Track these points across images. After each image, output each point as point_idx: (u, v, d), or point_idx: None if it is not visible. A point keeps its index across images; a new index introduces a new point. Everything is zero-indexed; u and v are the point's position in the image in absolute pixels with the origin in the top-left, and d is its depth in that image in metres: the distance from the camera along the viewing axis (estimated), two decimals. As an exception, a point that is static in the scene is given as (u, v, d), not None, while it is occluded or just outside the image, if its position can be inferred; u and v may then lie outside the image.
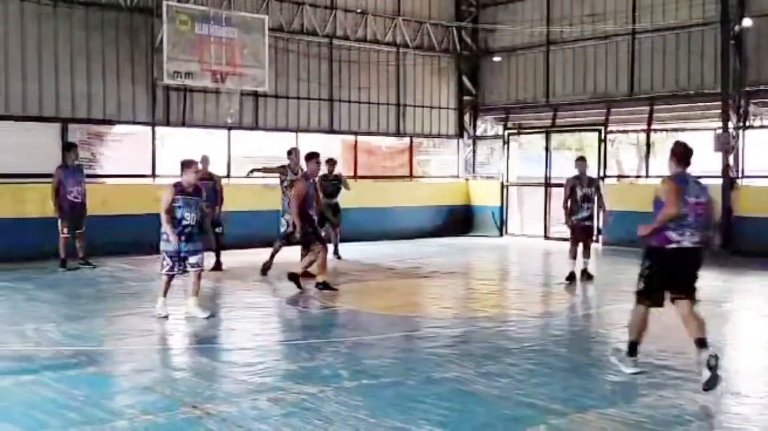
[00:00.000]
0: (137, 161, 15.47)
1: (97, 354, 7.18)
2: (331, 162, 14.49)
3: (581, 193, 11.82)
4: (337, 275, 12.37)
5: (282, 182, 12.67)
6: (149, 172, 15.54)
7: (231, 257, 13.37)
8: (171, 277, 8.86)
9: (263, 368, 6.75)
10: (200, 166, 11.21)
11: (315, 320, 9.45)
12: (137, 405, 5.63)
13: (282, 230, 12.19)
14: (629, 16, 17.49)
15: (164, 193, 8.76)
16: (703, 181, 6.49)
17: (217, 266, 12.56)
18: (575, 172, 12.06)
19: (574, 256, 11.89)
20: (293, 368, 6.78)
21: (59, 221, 12.45)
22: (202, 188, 9.27)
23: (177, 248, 8.70)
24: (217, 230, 12.51)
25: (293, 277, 10.73)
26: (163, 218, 8.64)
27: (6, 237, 12.94)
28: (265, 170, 13.83)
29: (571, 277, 11.72)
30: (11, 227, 13.02)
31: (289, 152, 12.80)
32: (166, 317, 8.72)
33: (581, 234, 11.95)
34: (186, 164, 8.89)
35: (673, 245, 6.19)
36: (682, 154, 6.36)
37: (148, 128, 15.65)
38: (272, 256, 12.21)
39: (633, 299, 6.50)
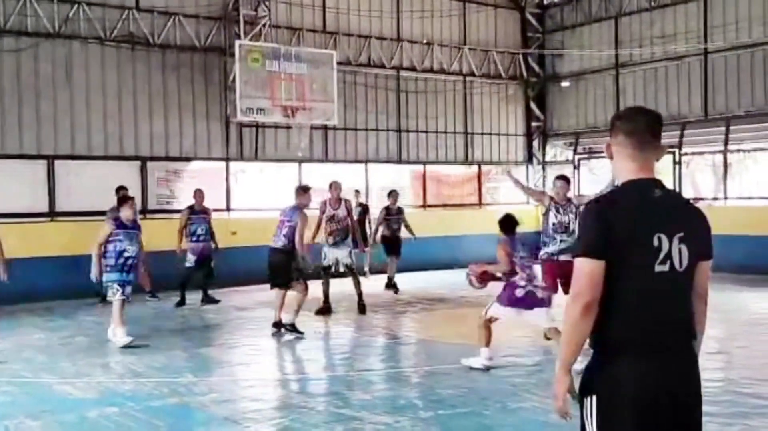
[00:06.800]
0: (212, 196, 15.85)
1: (178, 386, 7.35)
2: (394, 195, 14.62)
3: (555, 220, 9.21)
4: (407, 304, 12.41)
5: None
6: (224, 206, 15.94)
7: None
8: None
9: (339, 398, 6.80)
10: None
11: (386, 350, 9.47)
12: (217, 435, 5.74)
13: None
14: (701, 36, 17.17)
15: None
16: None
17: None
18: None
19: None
20: (368, 398, 6.81)
21: None
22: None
23: None
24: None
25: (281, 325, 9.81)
26: None
27: (88, 273, 13.31)
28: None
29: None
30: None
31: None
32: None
33: (551, 274, 8.88)
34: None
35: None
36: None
37: (223, 164, 16.10)
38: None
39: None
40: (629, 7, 18.59)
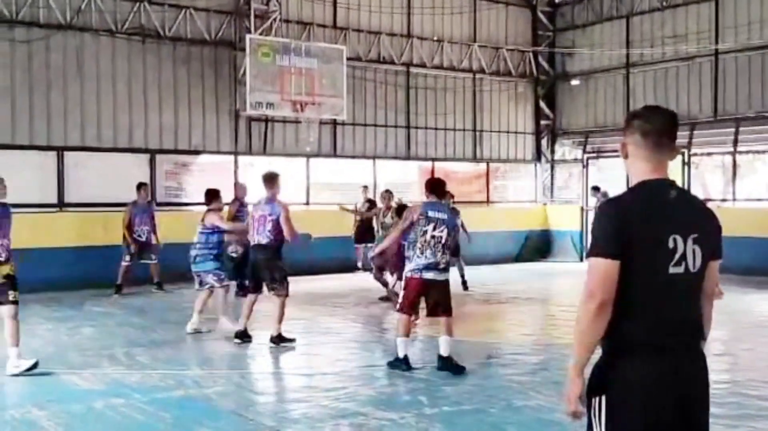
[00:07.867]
0: (221, 190, 15.86)
1: (184, 378, 7.39)
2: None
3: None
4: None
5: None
6: (231, 199, 15.92)
7: (309, 284, 13.55)
8: None
9: (344, 393, 6.82)
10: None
11: (393, 346, 9.47)
12: (223, 428, 5.77)
13: None
14: (712, 37, 17.10)
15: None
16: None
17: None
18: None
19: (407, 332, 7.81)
20: (373, 393, 6.84)
21: (124, 249, 13.09)
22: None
23: None
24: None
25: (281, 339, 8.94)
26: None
27: (96, 264, 13.43)
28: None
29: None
30: (103, 254, 13.51)
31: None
32: None
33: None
34: None
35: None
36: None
37: (231, 157, 16.13)
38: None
39: None
40: (640, 7, 18.52)
